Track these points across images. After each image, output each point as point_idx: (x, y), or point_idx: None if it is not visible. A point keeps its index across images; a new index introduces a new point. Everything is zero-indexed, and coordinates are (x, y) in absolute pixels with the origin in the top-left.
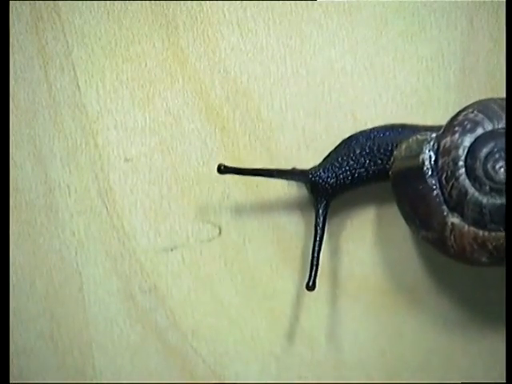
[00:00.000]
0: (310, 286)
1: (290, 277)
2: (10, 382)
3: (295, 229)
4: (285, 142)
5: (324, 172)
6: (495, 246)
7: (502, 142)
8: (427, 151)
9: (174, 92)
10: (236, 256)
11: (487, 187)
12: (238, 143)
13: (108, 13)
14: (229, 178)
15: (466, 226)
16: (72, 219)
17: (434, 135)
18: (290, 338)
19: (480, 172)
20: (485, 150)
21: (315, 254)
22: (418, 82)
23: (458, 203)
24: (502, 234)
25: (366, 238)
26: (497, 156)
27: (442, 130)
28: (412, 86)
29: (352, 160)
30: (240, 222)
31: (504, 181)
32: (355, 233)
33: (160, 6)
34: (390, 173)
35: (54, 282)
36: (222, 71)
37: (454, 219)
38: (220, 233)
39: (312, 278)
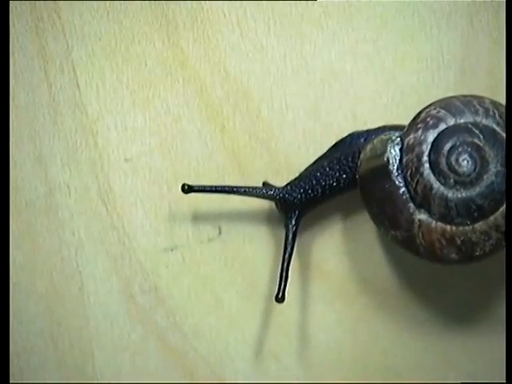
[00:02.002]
0: (280, 298)
1: (290, 277)
2: (10, 381)
3: None
4: (285, 141)
5: (292, 188)
6: (463, 240)
7: (464, 136)
8: (392, 150)
9: (174, 92)
10: (236, 256)
11: (451, 180)
12: (237, 143)
13: (108, 13)
14: (229, 178)
15: (434, 222)
16: (72, 219)
17: (397, 134)
18: (290, 337)
19: (444, 166)
20: (448, 145)
21: (284, 268)
22: (418, 82)
23: (424, 199)
24: (470, 227)
25: (365, 239)
26: (460, 149)
27: (405, 129)
28: (412, 86)
29: (320, 173)
30: (240, 223)
31: (468, 173)
32: (354, 233)
33: (160, 6)
34: (357, 176)
35: (54, 281)
36: (222, 71)
37: (421, 216)
38: (220, 233)
39: (281, 290)
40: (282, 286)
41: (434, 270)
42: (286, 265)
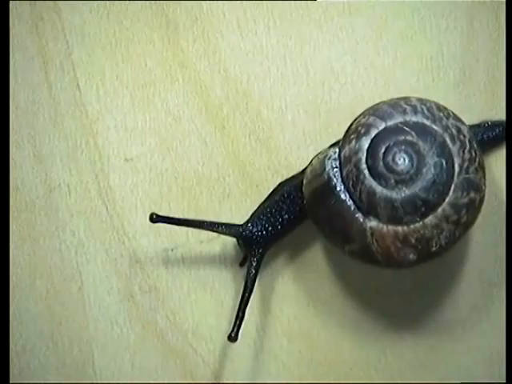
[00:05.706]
0: (233, 337)
1: (290, 276)
2: (10, 382)
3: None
4: (285, 141)
5: (253, 226)
6: (417, 238)
7: (396, 136)
8: (330, 166)
9: (174, 92)
10: (236, 256)
11: (392, 181)
12: (237, 143)
13: (108, 13)
14: (229, 177)
15: (385, 226)
16: (72, 219)
17: (332, 150)
18: (290, 337)
19: (382, 168)
20: (382, 147)
21: (242, 306)
22: (418, 82)
23: (370, 205)
24: (420, 224)
25: None
26: (394, 149)
27: (340, 143)
28: (412, 86)
29: (274, 208)
30: (240, 222)
31: (406, 170)
32: None
33: (160, 6)
34: (305, 202)
35: (54, 281)
36: (222, 71)
37: (371, 223)
38: None
39: (235, 329)
40: (237, 325)
41: (436, 270)
42: (243, 304)
